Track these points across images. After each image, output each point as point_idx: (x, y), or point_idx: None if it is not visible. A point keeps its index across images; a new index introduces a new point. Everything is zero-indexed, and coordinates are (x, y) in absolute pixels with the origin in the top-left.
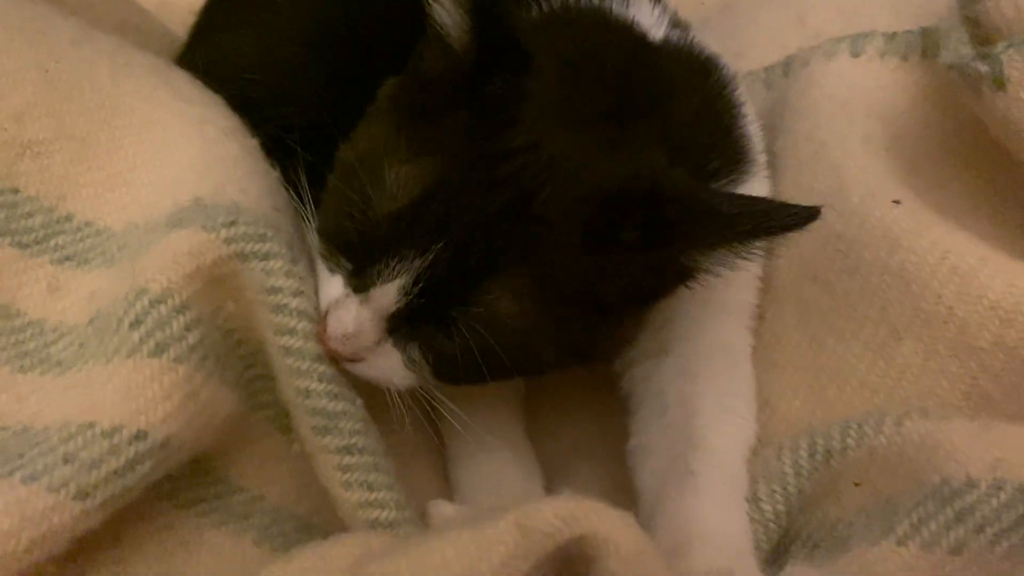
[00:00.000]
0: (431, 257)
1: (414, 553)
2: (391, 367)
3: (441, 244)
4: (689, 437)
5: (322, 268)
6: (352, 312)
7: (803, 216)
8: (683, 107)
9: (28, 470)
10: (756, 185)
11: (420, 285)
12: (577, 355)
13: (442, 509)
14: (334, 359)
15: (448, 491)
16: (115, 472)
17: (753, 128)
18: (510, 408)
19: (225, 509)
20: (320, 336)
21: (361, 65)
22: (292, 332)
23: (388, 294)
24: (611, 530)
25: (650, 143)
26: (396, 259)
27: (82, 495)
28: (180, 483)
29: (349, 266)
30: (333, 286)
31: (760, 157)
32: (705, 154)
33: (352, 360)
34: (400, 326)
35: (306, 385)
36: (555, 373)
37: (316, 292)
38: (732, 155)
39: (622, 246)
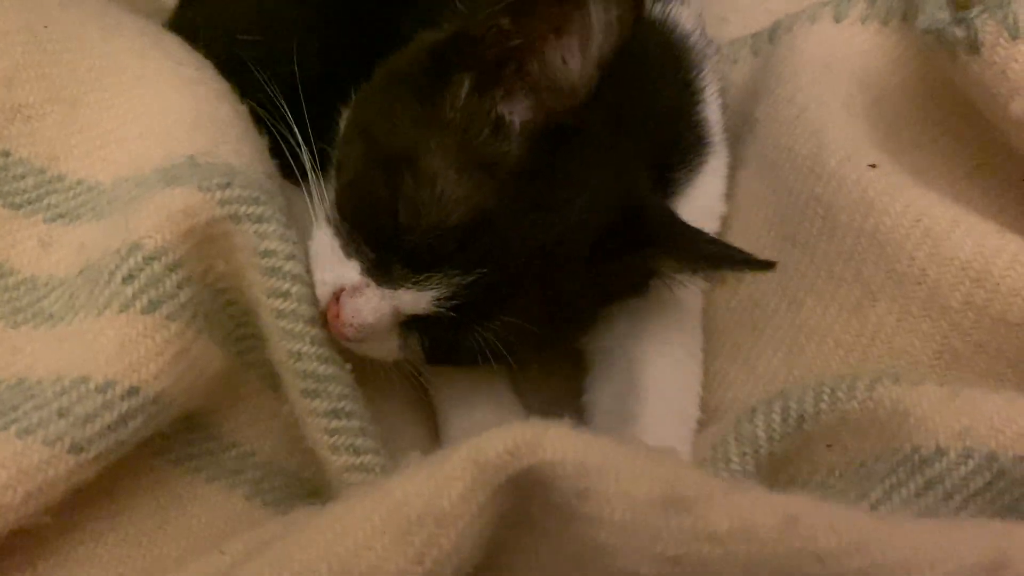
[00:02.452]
0: (471, 279)
1: (376, 494)
2: (386, 347)
3: (485, 270)
4: (630, 385)
5: (334, 245)
6: (373, 303)
7: (761, 265)
8: (657, 99)
9: (23, 424)
10: (713, 164)
11: (455, 302)
12: (555, 346)
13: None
14: (341, 337)
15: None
16: (108, 427)
17: (712, 110)
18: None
19: (217, 464)
20: (330, 316)
21: (357, 22)
22: (286, 295)
23: (420, 300)
24: (555, 453)
25: (639, 160)
26: (439, 273)
27: (77, 449)
28: (174, 439)
29: (372, 256)
30: (349, 269)
31: (717, 138)
32: (670, 145)
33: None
34: (411, 320)
35: (298, 348)
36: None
37: (318, 267)
38: (689, 145)
39: (611, 255)
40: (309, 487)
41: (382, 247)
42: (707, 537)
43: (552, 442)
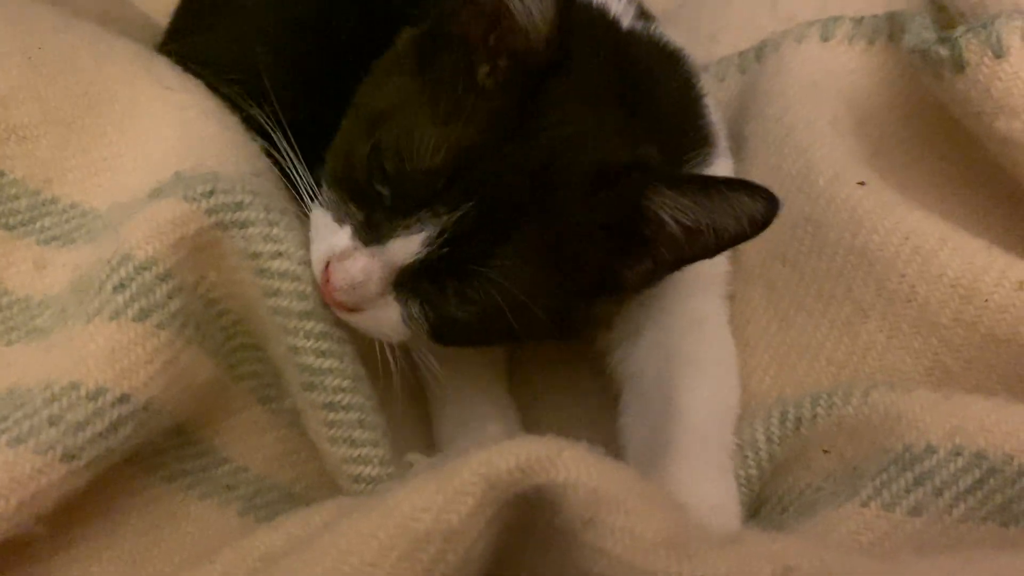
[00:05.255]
0: (459, 215)
1: (383, 507)
2: (389, 321)
3: (472, 203)
4: (667, 410)
5: (326, 218)
6: (360, 263)
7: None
8: (661, 96)
9: (15, 432)
10: (720, 167)
11: (443, 238)
12: (560, 326)
13: (418, 463)
14: (337, 307)
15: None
16: (100, 434)
17: (716, 116)
18: (494, 368)
19: (211, 481)
20: (324, 289)
21: (336, 58)
22: (277, 293)
23: (409, 246)
24: (568, 475)
25: (646, 134)
26: (427, 212)
27: (68, 457)
28: (167, 456)
29: (360, 216)
30: (340, 237)
31: (722, 143)
32: (677, 140)
33: (353, 311)
34: (407, 281)
35: (294, 342)
36: (536, 340)
37: (313, 246)
38: (699, 141)
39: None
40: (301, 502)
41: (368, 204)
42: None
43: (566, 463)
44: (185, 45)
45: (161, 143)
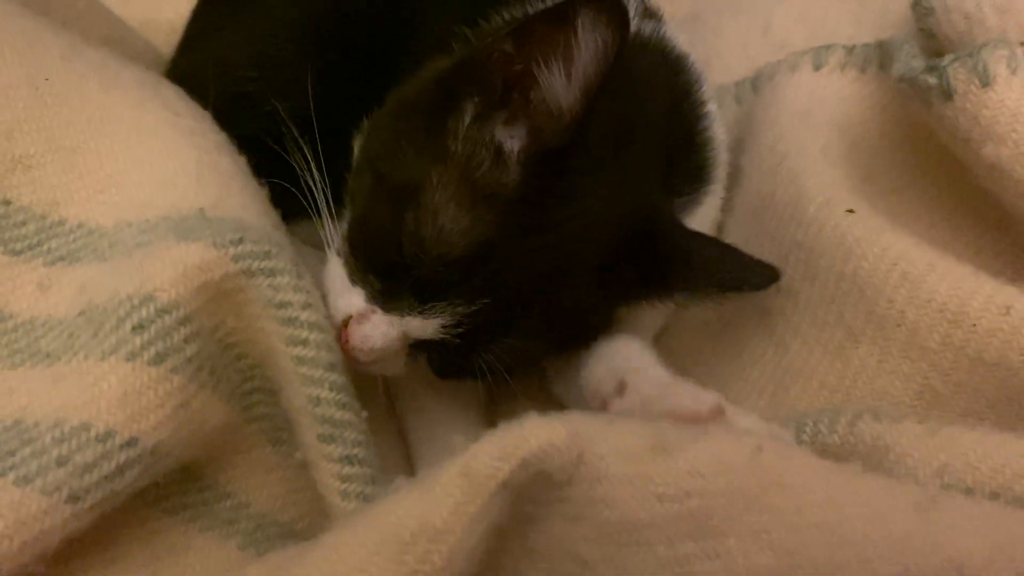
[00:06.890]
0: (475, 308)
1: (368, 519)
2: (395, 366)
3: (487, 300)
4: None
5: (342, 274)
6: (381, 329)
7: (768, 278)
8: (655, 109)
9: (22, 471)
10: (709, 203)
11: (460, 329)
12: (549, 357)
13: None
14: (352, 360)
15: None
16: (106, 477)
17: (718, 130)
18: (470, 401)
19: (212, 515)
20: (341, 342)
21: (352, 56)
22: (305, 343)
23: (427, 327)
24: (540, 439)
25: (646, 169)
26: (444, 302)
27: (74, 498)
28: (169, 489)
29: (379, 285)
30: (355, 297)
31: (723, 158)
32: (675, 177)
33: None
34: (422, 343)
35: (317, 393)
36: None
37: (331, 295)
38: (695, 166)
39: (624, 283)
40: (302, 539)
41: (389, 276)
42: (691, 473)
43: (534, 431)
44: (204, 48)
45: (171, 161)
